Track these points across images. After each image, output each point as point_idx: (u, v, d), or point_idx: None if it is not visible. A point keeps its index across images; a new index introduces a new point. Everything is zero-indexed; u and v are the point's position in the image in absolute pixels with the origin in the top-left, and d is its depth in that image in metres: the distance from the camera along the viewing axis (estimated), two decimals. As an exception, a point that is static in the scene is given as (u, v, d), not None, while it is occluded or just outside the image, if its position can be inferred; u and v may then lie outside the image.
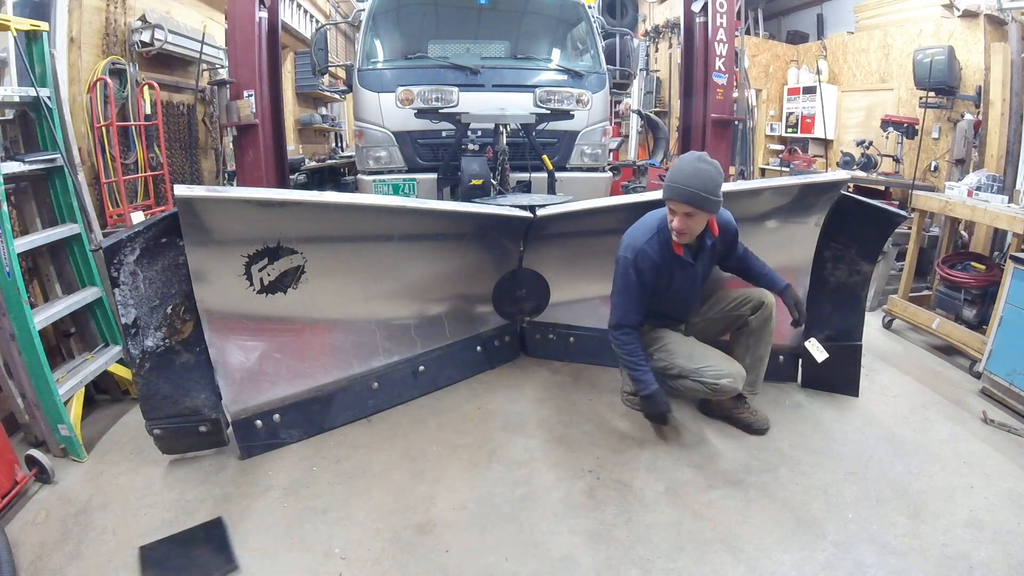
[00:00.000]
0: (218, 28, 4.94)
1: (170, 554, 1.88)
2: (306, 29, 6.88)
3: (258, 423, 2.40)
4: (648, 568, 1.82)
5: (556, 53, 4.46)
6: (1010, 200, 3.34)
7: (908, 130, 4.87)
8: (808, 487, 2.18)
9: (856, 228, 2.71)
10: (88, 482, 2.24)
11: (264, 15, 3.88)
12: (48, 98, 2.53)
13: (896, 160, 5.05)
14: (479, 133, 3.61)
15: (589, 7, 4.40)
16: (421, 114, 3.45)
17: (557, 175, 3.62)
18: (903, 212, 2.68)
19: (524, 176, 3.65)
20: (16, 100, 2.46)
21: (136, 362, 2.15)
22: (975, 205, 3.32)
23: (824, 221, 2.74)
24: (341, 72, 6.61)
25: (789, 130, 6.75)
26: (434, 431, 2.57)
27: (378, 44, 4.08)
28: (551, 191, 3.57)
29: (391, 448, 2.45)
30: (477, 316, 3.10)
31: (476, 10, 4.27)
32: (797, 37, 7.17)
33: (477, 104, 3.47)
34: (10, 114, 2.59)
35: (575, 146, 3.93)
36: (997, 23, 4.41)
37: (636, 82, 6.43)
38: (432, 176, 3.66)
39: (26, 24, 2.44)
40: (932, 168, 4.96)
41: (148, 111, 3.82)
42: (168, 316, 2.18)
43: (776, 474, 2.27)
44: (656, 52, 7.67)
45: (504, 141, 3.45)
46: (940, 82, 4.56)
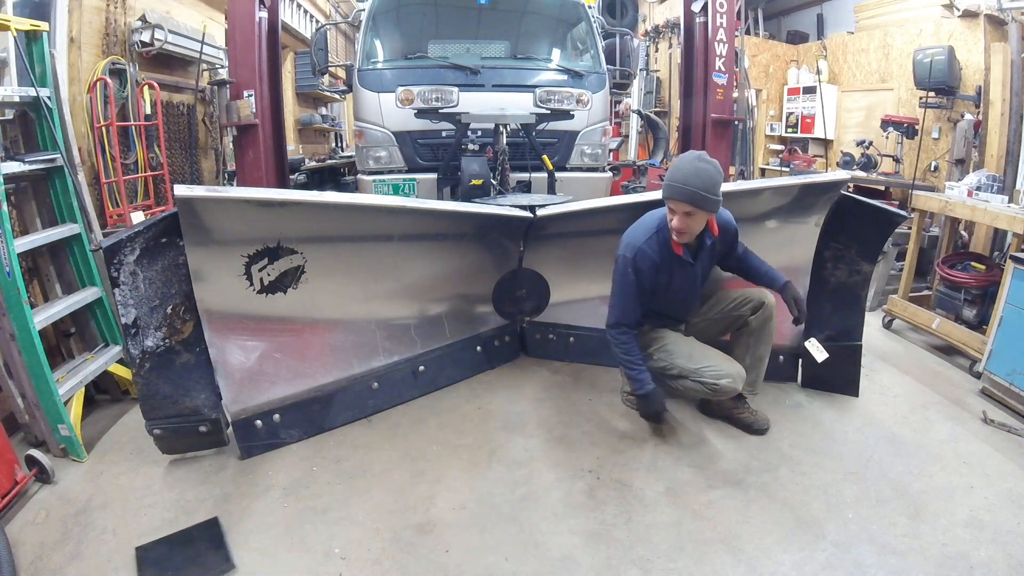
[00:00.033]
0: (218, 28, 4.94)
1: (167, 554, 1.88)
2: (306, 29, 6.88)
3: (258, 423, 2.40)
4: (648, 568, 1.82)
5: (556, 53, 4.46)
6: (1010, 200, 3.35)
7: (908, 130, 4.87)
8: (808, 487, 2.18)
9: (856, 228, 2.72)
10: (88, 482, 2.24)
11: (264, 15, 3.88)
12: (48, 98, 2.53)
13: (896, 160, 5.05)
14: (479, 133, 3.61)
15: (589, 7, 4.40)
16: (421, 114, 3.45)
17: (557, 175, 3.62)
18: (903, 212, 2.68)
19: (524, 176, 3.65)
20: (16, 100, 2.46)
21: (136, 362, 2.15)
22: (975, 205, 3.33)
23: (824, 221, 2.74)
24: (341, 72, 6.61)
25: (789, 130, 6.74)
26: (434, 431, 2.57)
27: (378, 44, 4.08)
28: (551, 191, 3.57)
29: (391, 448, 2.45)
30: (477, 316, 3.10)
31: (476, 10, 4.27)
32: (797, 37, 7.16)
33: (477, 104, 3.47)
34: (10, 114, 2.59)
35: (575, 146, 3.93)
36: (997, 23, 4.41)
37: (636, 82, 6.43)
38: (432, 176, 3.66)
39: (26, 24, 2.45)
40: (932, 168, 4.96)
41: (148, 111, 3.82)
42: (168, 316, 2.18)
43: (776, 474, 2.27)
44: (656, 52, 7.67)
45: (504, 141, 3.45)
46: (940, 82, 4.56)
